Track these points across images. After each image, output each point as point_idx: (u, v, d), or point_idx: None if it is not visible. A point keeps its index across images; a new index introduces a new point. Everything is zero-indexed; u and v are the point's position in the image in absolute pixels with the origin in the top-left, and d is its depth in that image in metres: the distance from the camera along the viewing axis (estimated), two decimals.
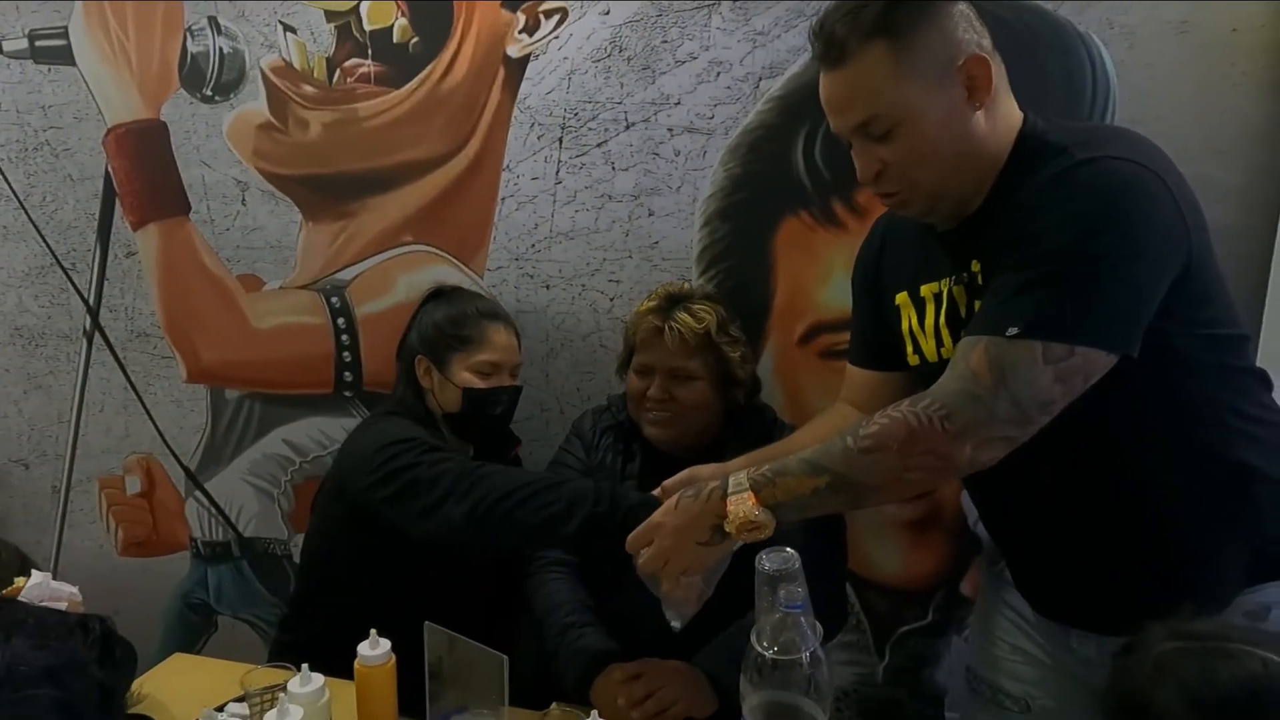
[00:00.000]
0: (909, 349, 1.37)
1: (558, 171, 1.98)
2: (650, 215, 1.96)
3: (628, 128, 1.93)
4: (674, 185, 1.94)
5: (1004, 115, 1.22)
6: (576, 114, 1.94)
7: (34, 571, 1.22)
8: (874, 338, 1.48)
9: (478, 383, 1.76)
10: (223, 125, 2.10)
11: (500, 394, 1.79)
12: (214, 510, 2.29)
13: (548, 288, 2.05)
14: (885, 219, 1.46)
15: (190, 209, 2.15)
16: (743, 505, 1.16)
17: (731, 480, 1.19)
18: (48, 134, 2.17)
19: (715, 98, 1.88)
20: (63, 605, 1.17)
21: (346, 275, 2.13)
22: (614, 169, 1.96)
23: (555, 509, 1.38)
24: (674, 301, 1.73)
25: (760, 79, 1.86)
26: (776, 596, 1.11)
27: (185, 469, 2.30)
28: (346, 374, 2.17)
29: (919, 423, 1.12)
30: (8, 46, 2.15)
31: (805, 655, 1.10)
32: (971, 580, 1.98)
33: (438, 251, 2.07)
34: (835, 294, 1.92)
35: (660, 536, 1.21)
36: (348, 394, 2.18)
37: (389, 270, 2.09)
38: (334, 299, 2.14)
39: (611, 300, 2.02)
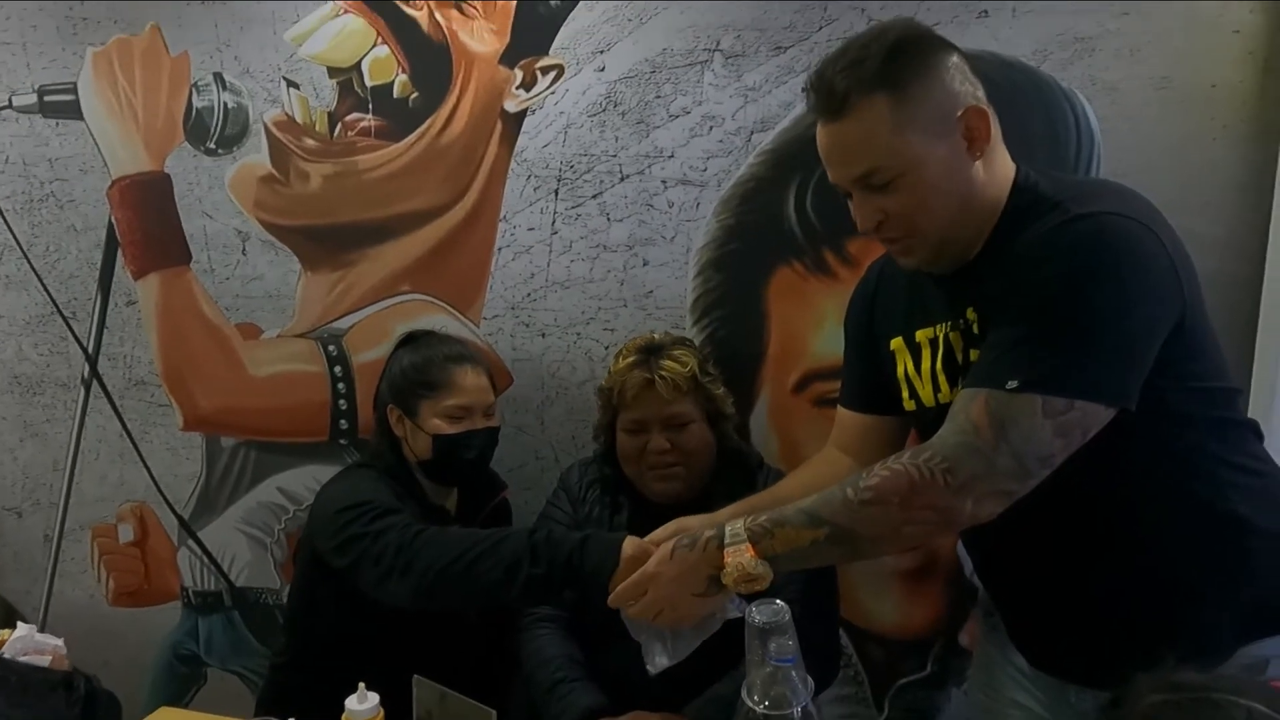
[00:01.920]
0: (904, 394, 1.35)
1: (554, 222, 1.98)
2: (645, 265, 1.96)
3: (622, 180, 1.94)
4: (668, 235, 1.94)
5: (999, 166, 1.21)
6: (572, 166, 1.95)
7: (19, 624, 1.18)
8: (867, 381, 1.46)
9: (447, 429, 1.71)
10: (225, 177, 2.10)
11: (472, 438, 1.73)
12: (206, 559, 2.25)
13: (543, 336, 2.03)
14: (880, 264, 1.45)
15: (191, 259, 2.15)
16: (740, 557, 1.14)
17: (728, 531, 1.16)
18: (53, 185, 2.18)
19: (708, 151, 1.89)
20: (47, 660, 1.13)
21: (344, 324, 2.12)
22: (609, 220, 1.96)
23: (494, 575, 1.34)
24: (650, 352, 1.71)
25: (752, 133, 1.87)
26: (767, 650, 1.08)
27: (179, 517, 2.26)
28: (342, 422, 2.14)
29: (920, 476, 1.10)
30: (17, 101, 2.16)
31: (797, 710, 1.07)
32: (970, 631, 1.94)
33: (435, 301, 2.06)
34: (828, 342, 1.91)
35: (655, 587, 1.19)
36: (343, 442, 2.15)
37: (386, 319, 2.08)
38: (331, 347, 2.12)
39: (606, 348, 2.01)
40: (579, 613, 1.71)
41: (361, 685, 1.40)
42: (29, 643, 1.16)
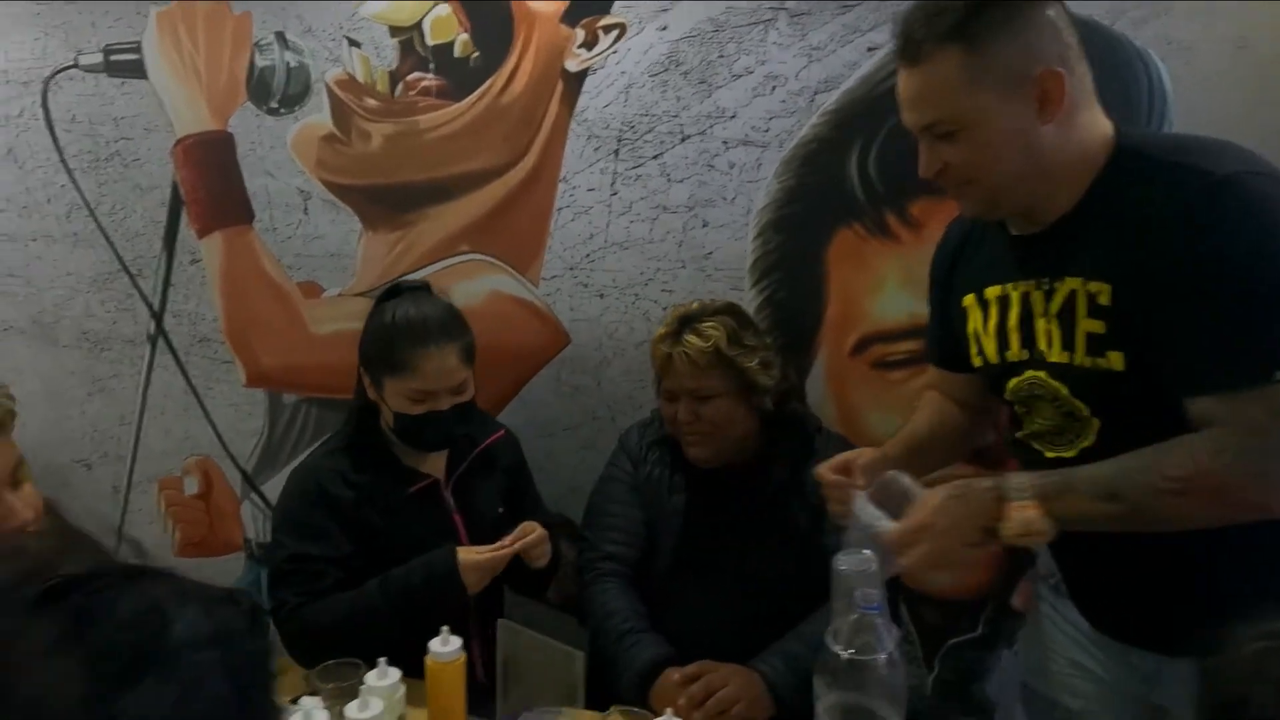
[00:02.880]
0: (973, 350, 1.35)
1: (613, 183, 1.96)
2: (704, 226, 1.94)
3: (683, 140, 1.91)
4: (728, 197, 1.92)
5: (1086, 126, 1.18)
6: (633, 127, 1.93)
7: None
8: (943, 338, 1.46)
9: (409, 409, 1.63)
10: (287, 137, 2.10)
11: (435, 419, 1.64)
12: (269, 512, 2.28)
13: (601, 297, 2.02)
14: (961, 221, 1.43)
15: (254, 218, 2.16)
16: (1026, 513, 1.12)
17: (1011, 486, 1.15)
18: (118, 145, 2.18)
19: (770, 111, 1.86)
20: None
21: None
22: (669, 181, 1.94)
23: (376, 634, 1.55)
24: (684, 324, 1.69)
25: (816, 93, 1.84)
26: (854, 598, 1.08)
27: (242, 471, 2.29)
28: None
29: (1231, 478, 1.09)
30: (84, 61, 2.16)
31: (882, 657, 1.07)
32: (1023, 593, 1.93)
33: (494, 261, 2.06)
34: (887, 305, 1.89)
35: (930, 538, 1.17)
36: None
37: (446, 279, 2.07)
38: None
39: (664, 309, 2.00)
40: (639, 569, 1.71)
41: (445, 629, 1.42)
42: None
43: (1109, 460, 1.15)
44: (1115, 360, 1.17)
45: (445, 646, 1.42)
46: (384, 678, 1.31)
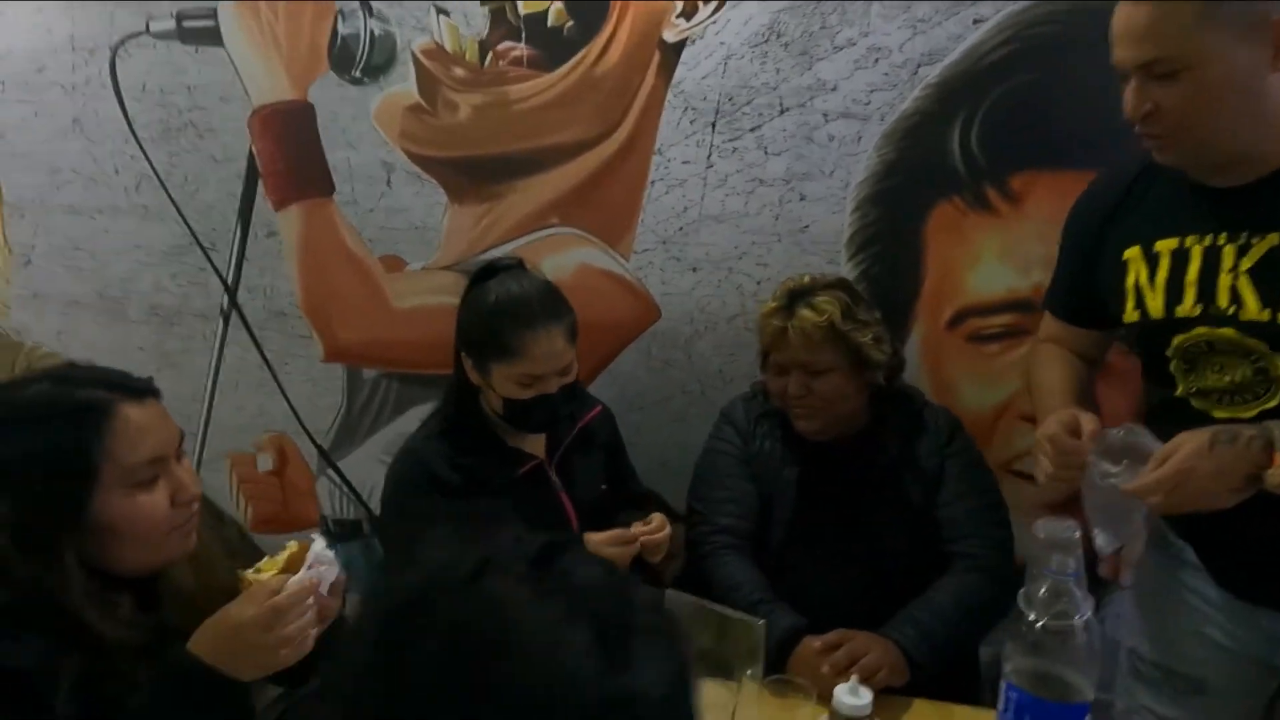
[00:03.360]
0: (1129, 305, 1.33)
1: (709, 155, 1.94)
2: (801, 200, 1.93)
3: (782, 113, 1.89)
4: (827, 170, 1.90)
5: None
6: (731, 99, 1.91)
7: (314, 537, 1.18)
8: (1079, 292, 1.45)
9: (519, 394, 1.58)
10: (370, 107, 2.05)
11: (544, 402, 1.60)
12: (346, 488, 2.25)
13: (694, 270, 2.01)
14: (1131, 173, 1.39)
15: (334, 190, 2.11)
16: None
17: (1278, 435, 1.14)
18: (192, 114, 2.12)
19: (872, 84, 1.85)
20: (335, 572, 1.13)
21: (490, 257, 2.08)
22: (766, 154, 1.92)
23: None
24: (795, 298, 1.67)
25: (919, 65, 1.83)
26: (1050, 564, 1.07)
27: (318, 447, 2.26)
28: None
29: None
30: (155, 27, 2.10)
31: (1077, 623, 1.07)
32: (1109, 564, 1.95)
33: (584, 234, 2.03)
34: (984, 279, 1.89)
35: (1194, 480, 1.16)
36: None
37: (534, 253, 2.04)
38: None
39: (758, 284, 1.99)
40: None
41: (855, 676, 1.39)
42: (325, 557, 1.15)
43: None
44: None
45: (857, 698, 1.36)
46: None
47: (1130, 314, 1.32)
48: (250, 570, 1.16)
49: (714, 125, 1.93)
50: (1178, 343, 1.29)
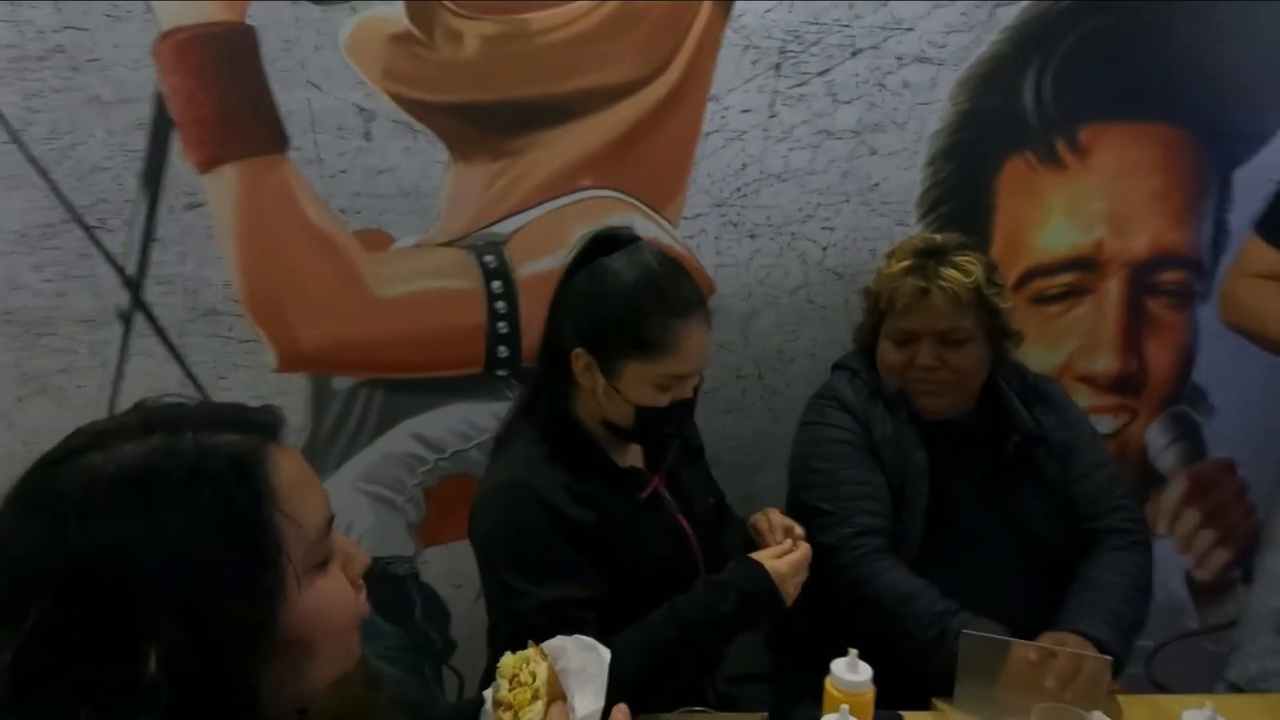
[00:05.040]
0: None
1: (772, 104, 1.42)
2: (872, 154, 1.46)
3: (854, 55, 1.41)
4: (899, 121, 1.45)
5: None
6: (799, 37, 1.40)
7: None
8: None
9: (655, 399, 1.09)
10: (340, 34, 1.32)
11: (680, 410, 1.12)
12: None
13: (753, 237, 1.48)
14: None
15: (289, 145, 1.35)
16: None
17: None
18: (62, 37, 1.27)
19: (949, 25, 1.42)
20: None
21: (506, 228, 1.44)
22: (836, 101, 1.43)
23: (682, 661, 1.07)
24: (930, 256, 1.29)
25: (996, 6, 1.41)
26: None
27: None
28: (501, 348, 1.46)
29: None
30: None
31: None
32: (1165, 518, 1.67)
33: (624, 198, 1.44)
34: (1051, 237, 1.55)
35: None
36: (502, 373, 1.47)
37: (562, 221, 1.42)
38: (488, 257, 1.43)
39: (824, 250, 1.50)
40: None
41: (853, 650, 0.98)
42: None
43: None
44: None
45: (855, 674, 0.87)
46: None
47: None
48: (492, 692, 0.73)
49: (779, 68, 1.40)
50: None
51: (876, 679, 0.98)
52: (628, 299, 1.05)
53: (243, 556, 0.52)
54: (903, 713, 1.08)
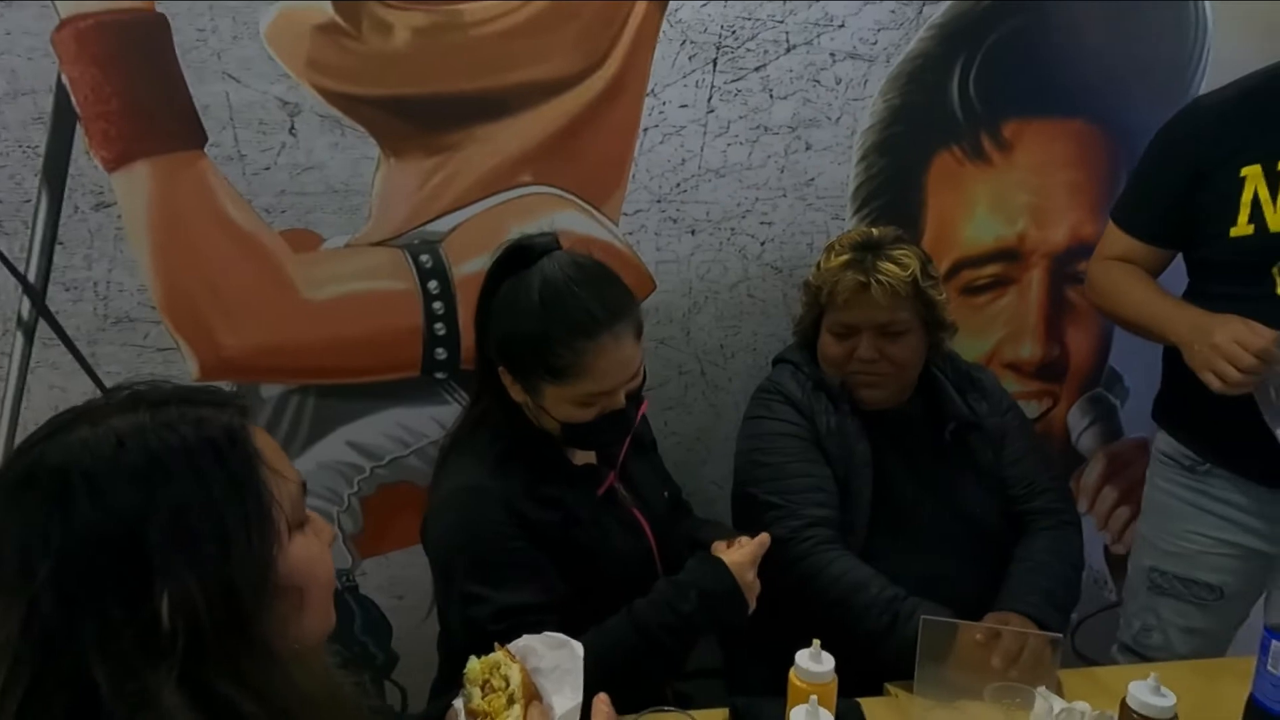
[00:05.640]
0: (1242, 219, 1.21)
1: (710, 99, 1.42)
2: (807, 149, 1.49)
3: (789, 51, 1.43)
4: (833, 116, 1.48)
5: None
6: (734, 32, 1.41)
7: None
8: (1168, 210, 1.30)
9: (582, 416, 1.06)
10: (259, 24, 1.26)
11: (611, 422, 1.09)
12: None
13: (693, 233, 1.48)
14: (1226, 94, 1.27)
15: (206, 140, 1.28)
16: None
17: None
18: None
19: (879, 22, 1.46)
20: None
21: (442, 226, 1.40)
22: (772, 97, 1.45)
23: (646, 663, 1.06)
24: (867, 250, 1.31)
25: (924, 4, 1.46)
26: None
27: None
28: (439, 351, 1.43)
29: None
30: None
31: None
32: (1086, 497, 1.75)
33: (563, 194, 1.42)
34: (977, 229, 1.61)
35: None
36: (440, 376, 1.43)
37: (501, 218, 1.40)
38: (424, 257, 1.39)
39: (763, 245, 1.51)
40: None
41: (816, 641, 0.97)
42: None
43: None
44: None
45: (819, 665, 0.88)
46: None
47: (1242, 228, 1.22)
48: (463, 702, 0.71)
49: (715, 63, 1.40)
50: None
51: None
52: (534, 324, 1.02)
53: (243, 508, 0.57)
54: (859, 699, 1.10)
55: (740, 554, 1.07)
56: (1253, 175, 1.20)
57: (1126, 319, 1.37)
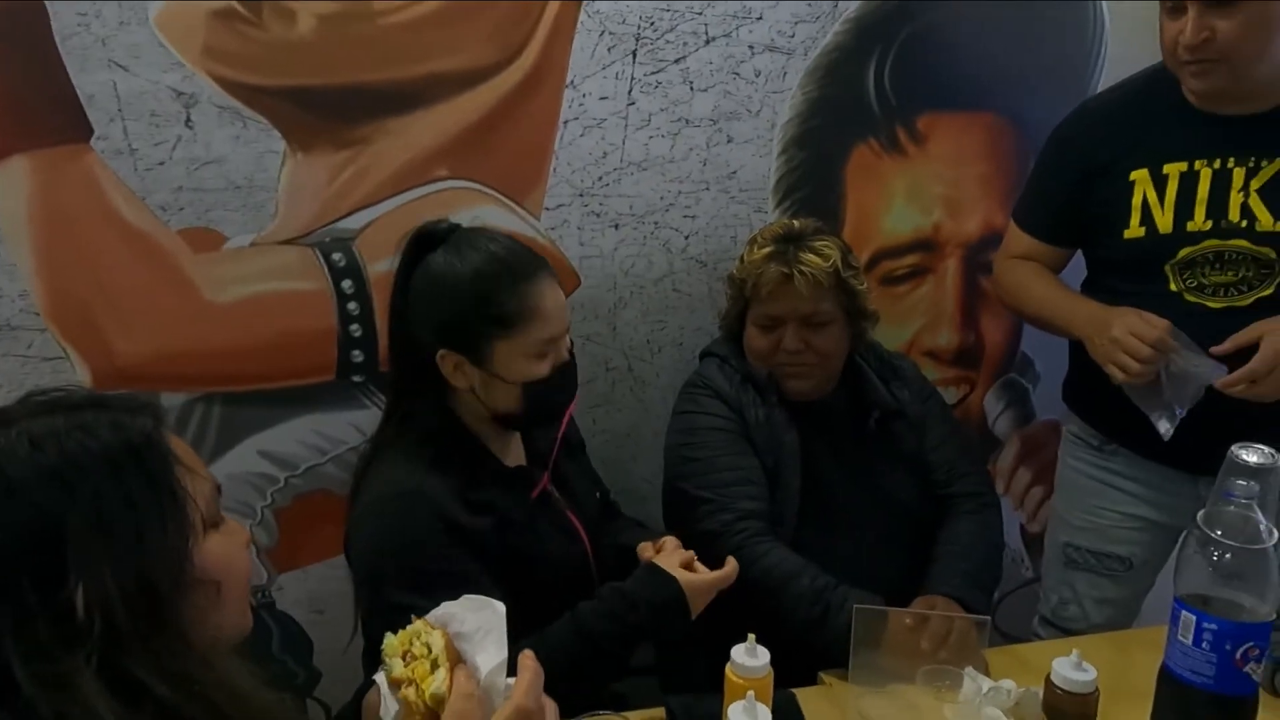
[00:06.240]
0: (1134, 221, 1.26)
1: (630, 91, 1.41)
2: (729, 142, 1.49)
3: (708, 43, 1.43)
4: (753, 109, 1.49)
5: None
6: (653, 24, 1.40)
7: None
8: (1064, 212, 1.34)
9: (539, 370, 1.05)
10: (148, 9, 1.19)
11: (566, 375, 1.10)
12: None
13: (616, 227, 1.47)
14: (1109, 99, 1.32)
15: (92, 133, 1.20)
16: None
17: None
18: None
19: (796, 15, 1.47)
20: None
21: (354, 223, 1.35)
22: (692, 89, 1.45)
23: (590, 667, 1.06)
24: (790, 241, 1.32)
25: None
26: (1231, 489, 0.90)
27: None
28: (355, 353, 1.38)
29: None
30: None
31: (1263, 549, 0.89)
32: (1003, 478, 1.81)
33: (482, 188, 1.39)
34: (895, 221, 1.64)
35: None
36: (357, 379, 1.38)
37: (417, 214, 1.36)
38: (336, 255, 1.34)
39: (687, 238, 1.51)
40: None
41: (751, 635, 0.96)
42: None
43: None
44: None
45: (755, 659, 0.91)
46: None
47: (1135, 230, 1.27)
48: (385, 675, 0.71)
49: (635, 54, 1.39)
50: (1184, 254, 1.24)
51: None
52: (473, 282, 1.01)
53: (159, 503, 0.60)
54: (794, 690, 1.10)
55: (699, 580, 1.06)
56: (1141, 179, 1.24)
57: (1031, 316, 1.42)
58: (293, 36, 1.26)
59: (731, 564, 1.09)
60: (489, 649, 0.68)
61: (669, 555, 1.08)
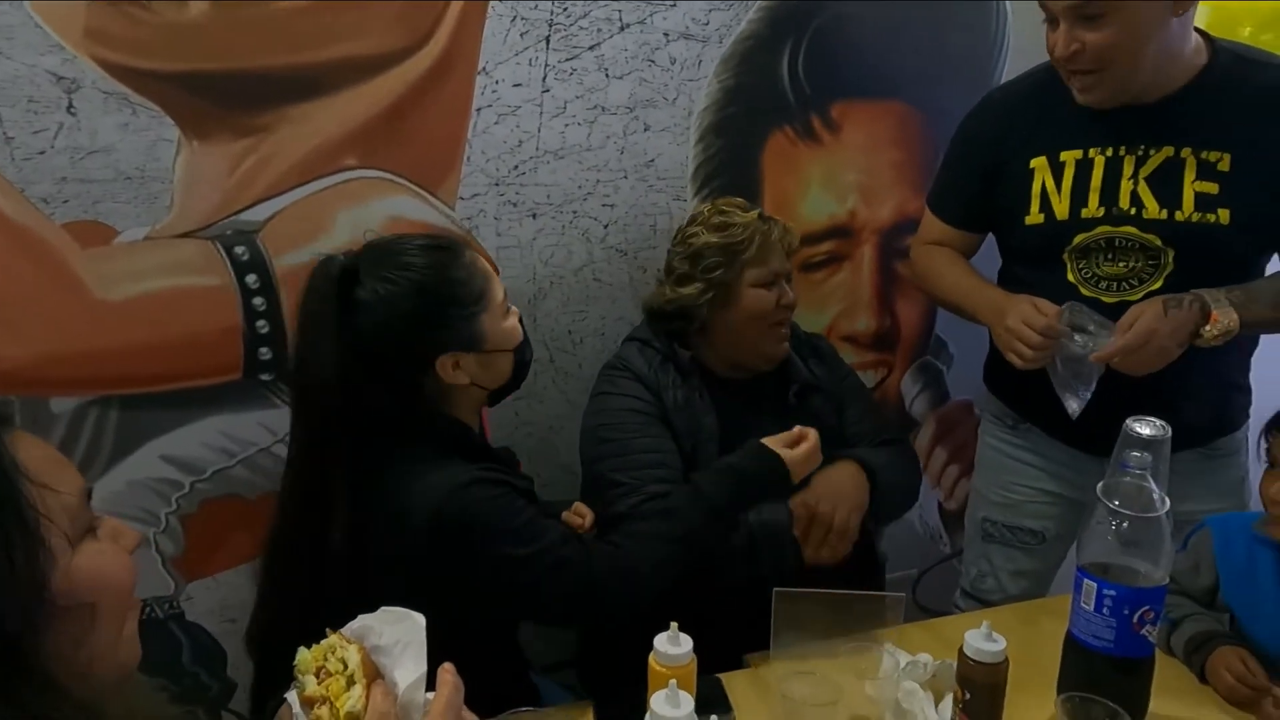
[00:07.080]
0: (1034, 208, 1.30)
1: (545, 78, 1.39)
2: (646, 130, 1.49)
3: (622, 29, 1.43)
4: (670, 97, 1.49)
5: (1190, 24, 1.20)
6: (566, 9, 1.38)
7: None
8: (974, 199, 1.39)
9: (515, 330, 1.13)
10: None
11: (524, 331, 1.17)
12: None
13: (534, 217, 1.45)
14: (1019, 90, 1.36)
15: None
16: (1228, 317, 1.15)
17: (1210, 299, 1.17)
18: None
19: (710, 3, 1.46)
20: None
21: (258, 215, 1.29)
22: (608, 77, 1.44)
23: (710, 537, 1.19)
24: (747, 209, 1.38)
25: None
26: (1127, 460, 0.96)
27: None
28: (263, 350, 1.33)
29: None
30: None
31: (1164, 512, 0.95)
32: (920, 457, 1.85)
33: (393, 178, 1.35)
34: (811, 208, 1.66)
35: (1156, 339, 1.15)
36: (266, 377, 1.33)
37: (324, 205, 1.31)
38: (239, 249, 1.29)
39: (606, 227, 1.50)
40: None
41: (674, 624, 0.96)
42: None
43: (1270, 279, 1.24)
44: (1223, 216, 1.20)
45: (678, 647, 0.89)
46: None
47: (1035, 216, 1.31)
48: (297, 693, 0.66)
49: (548, 40, 1.37)
50: (1079, 240, 1.28)
51: None
52: (429, 281, 1.03)
53: (2, 529, 0.51)
54: (719, 675, 1.11)
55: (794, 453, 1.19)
56: (1040, 167, 1.28)
57: (943, 302, 1.47)
58: (183, 19, 1.20)
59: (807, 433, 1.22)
60: (407, 663, 0.65)
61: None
